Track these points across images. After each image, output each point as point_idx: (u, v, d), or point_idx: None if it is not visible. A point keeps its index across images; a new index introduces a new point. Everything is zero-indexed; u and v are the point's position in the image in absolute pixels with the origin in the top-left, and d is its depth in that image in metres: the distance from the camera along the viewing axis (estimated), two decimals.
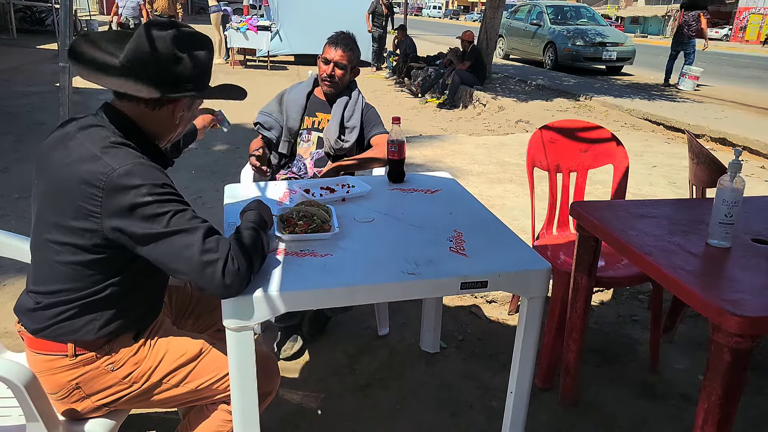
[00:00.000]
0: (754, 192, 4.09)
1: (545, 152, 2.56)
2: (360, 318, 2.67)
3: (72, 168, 1.24)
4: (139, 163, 1.25)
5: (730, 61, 17.66)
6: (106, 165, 1.22)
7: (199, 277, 1.22)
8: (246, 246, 1.30)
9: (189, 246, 1.22)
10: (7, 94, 6.96)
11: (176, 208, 1.25)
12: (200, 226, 1.25)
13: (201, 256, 1.22)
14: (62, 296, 1.31)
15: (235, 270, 1.23)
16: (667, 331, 2.55)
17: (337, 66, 2.43)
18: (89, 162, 1.23)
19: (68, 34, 2.42)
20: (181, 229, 1.23)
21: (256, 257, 1.32)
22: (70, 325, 1.32)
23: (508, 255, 1.55)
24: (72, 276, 1.30)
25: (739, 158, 1.57)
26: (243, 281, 1.26)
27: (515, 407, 1.63)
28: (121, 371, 1.38)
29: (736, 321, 1.23)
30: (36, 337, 1.34)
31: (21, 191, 4.10)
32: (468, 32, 9.76)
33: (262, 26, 11.75)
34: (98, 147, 1.25)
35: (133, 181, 1.21)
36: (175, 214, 1.24)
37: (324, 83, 2.48)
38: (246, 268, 1.26)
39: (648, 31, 35.85)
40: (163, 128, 1.40)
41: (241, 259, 1.26)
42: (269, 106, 2.58)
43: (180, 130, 1.46)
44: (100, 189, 1.21)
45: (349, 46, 2.43)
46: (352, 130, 2.49)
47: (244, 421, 1.41)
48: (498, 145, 5.97)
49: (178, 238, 1.22)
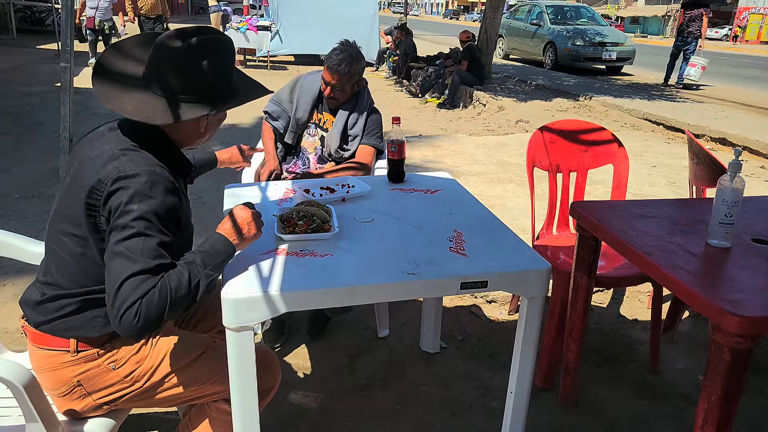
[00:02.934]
0: (754, 192, 4.09)
1: (546, 152, 2.56)
2: (360, 318, 2.67)
3: (93, 164, 1.28)
4: (152, 172, 1.26)
5: (730, 61, 17.65)
6: (119, 165, 1.25)
7: (109, 304, 1.20)
8: (167, 297, 1.21)
9: (120, 274, 1.19)
10: (7, 94, 6.96)
11: (142, 232, 1.21)
12: (142, 261, 1.20)
13: (116, 292, 1.18)
14: (67, 290, 1.32)
15: (129, 321, 1.17)
16: (667, 331, 2.55)
17: (336, 89, 2.41)
18: (108, 161, 1.27)
19: (69, 34, 2.42)
20: (125, 253, 1.20)
21: (174, 307, 1.23)
22: (73, 321, 1.33)
23: (508, 255, 1.55)
24: (78, 270, 1.31)
25: (739, 158, 1.57)
26: (138, 332, 1.20)
27: (515, 407, 1.63)
28: (123, 370, 1.38)
29: (736, 321, 1.23)
30: (39, 331, 1.35)
31: (21, 191, 4.10)
32: (464, 32, 9.78)
33: (262, 26, 11.76)
34: (120, 148, 1.29)
35: (132, 184, 1.23)
36: (134, 237, 1.20)
37: (327, 99, 2.48)
38: (145, 324, 1.19)
39: (648, 31, 35.85)
40: (190, 137, 1.42)
41: (150, 311, 1.19)
42: (280, 93, 2.58)
43: (209, 135, 1.46)
44: (104, 186, 1.24)
45: (347, 69, 2.35)
46: (355, 138, 2.48)
47: (244, 421, 1.42)
48: (498, 145, 5.97)
49: (118, 260, 1.20)
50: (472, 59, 9.48)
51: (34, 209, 3.77)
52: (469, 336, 2.59)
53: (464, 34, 9.77)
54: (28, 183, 4.28)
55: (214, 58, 1.35)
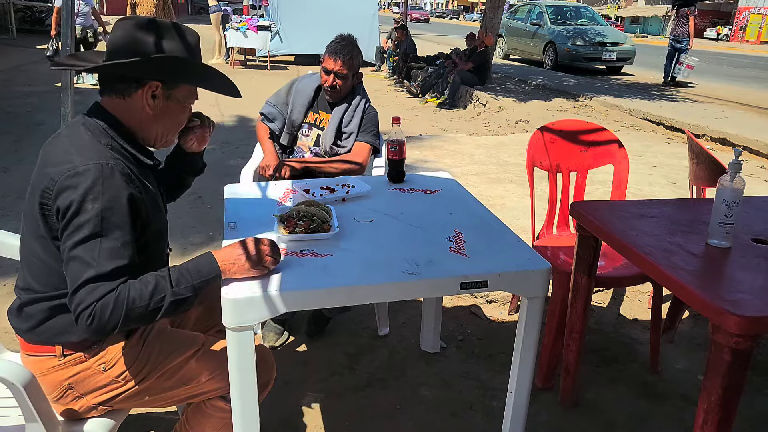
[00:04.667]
0: (754, 192, 4.09)
1: (546, 152, 2.56)
2: (360, 318, 2.67)
3: (46, 163, 1.27)
4: (103, 166, 1.22)
5: (730, 61, 17.65)
6: (70, 162, 1.22)
7: (69, 306, 1.19)
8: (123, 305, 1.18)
9: (75, 279, 1.18)
10: (7, 94, 6.95)
11: (97, 233, 1.18)
12: (96, 265, 1.18)
13: (72, 294, 1.18)
14: (41, 293, 1.31)
15: (84, 323, 1.17)
16: (667, 331, 2.55)
17: (338, 76, 2.42)
18: (62, 157, 1.24)
19: (69, 34, 2.43)
20: (80, 257, 1.18)
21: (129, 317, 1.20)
22: (52, 327, 1.32)
23: (508, 255, 1.55)
24: (47, 273, 1.30)
25: (739, 158, 1.57)
26: (93, 334, 1.19)
27: (515, 407, 1.63)
28: (114, 370, 1.37)
29: (736, 321, 1.23)
30: (24, 339, 1.35)
31: (21, 191, 4.09)
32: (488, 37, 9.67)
33: (262, 26, 11.74)
34: (73, 143, 1.27)
35: (81, 182, 1.19)
36: (87, 241, 1.18)
37: (326, 92, 2.48)
38: (99, 327, 1.17)
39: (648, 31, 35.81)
40: (141, 120, 1.36)
41: (104, 316, 1.17)
42: (276, 96, 2.60)
43: (164, 125, 1.40)
44: (54, 183, 1.21)
45: (349, 54, 2.39)
46: (350, 135, 2.49)
47: (244, 421, 1.41)
48: (498, 145, 5.97)
49: (74, 265, 1.19)
50: (480, 63, 9.48)
51: None
52: (469, 336, 2.59)
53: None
54: (28, 183, 4.25)
55: (164, 34, 1.33)
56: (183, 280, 1.26)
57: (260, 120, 2.61)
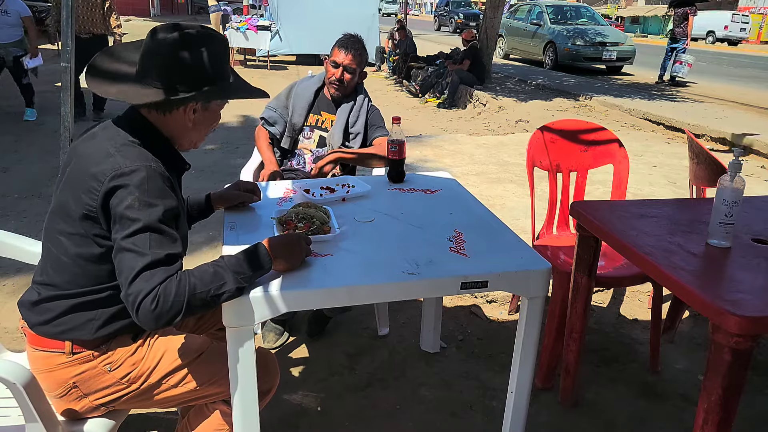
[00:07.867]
0: (754, 192, 4.09)
1: (546, 152, 2.56)
2: (360, 318, 2.67)
3: (88, 162, 1.28)
4: (148, 167, 1.26)
5: (730, 61, 17.64)
6: (115, 163, 1.25)
7: (125, 301, 1.20)
8: (190, 291, 1.20)
9: (131, 269, 1.19)
10: (7, 94, 6.95)
11: (148, 225, 1.21)
12: (151, 253, 1.19)
13: (129, 285, 1.18)
14: (64, 290, 1.32)
15: (147, 309, 1.16)
16: (667, 331, 2.55)
17: (347, 70, 2.43)
18: (104, 158, 1.26)
19: (69, 34, 2.42)
20: (133, 249, 1.20)
21: (192, 304, 1.21)
22: (68, 322, 1.33)
23: (508, 255, 1.55)
24: (74, 270, 1.31)
25: (739, 158, 1.57)
26: (155, 320, 1.18)
27: (515, 407, 1.63)
28: (119, 371, 1.38)
29: (736, 321, 1.23)
30: (35, 333, 1.35)
31: (21, 191, 4.10)
32: (468, 31, 9.79)
33: (262, 26, 11.75)
34: (114, 145, 1.29)
35: (130, 181, 1.23)
36: (139, 233, 1.20)
37: (332, 86, 2.48)
38: (162, 311, 1.17)
39: (648, 31, 35.79)
40: (180, 131, 1.40)
41: (168, 299, 1.17)
42: (276, 100, 2.60)
43: (199, 133, 1.44)
44: (101, 183, 1.23)
45: (359, 50, 2.44)
46: (356, 135, 2.50)
47: (244, 421, 1.42)
48: (498, 145, 5.97)
49: (128, 256, 1.20)
50: (474, 59, 9.48)
51: (33, 209, 3.77)
52: (469, 336, 2.59)
53: (468, 33, 9.77)
54: (28, 183, 4.28)
55: (207, 48, 1.34)
56: (240, 269, 1.28)
57: (261, 125, 2.60)
